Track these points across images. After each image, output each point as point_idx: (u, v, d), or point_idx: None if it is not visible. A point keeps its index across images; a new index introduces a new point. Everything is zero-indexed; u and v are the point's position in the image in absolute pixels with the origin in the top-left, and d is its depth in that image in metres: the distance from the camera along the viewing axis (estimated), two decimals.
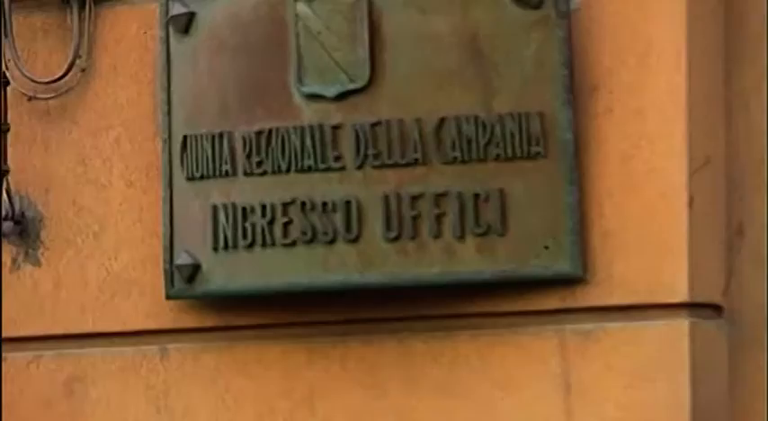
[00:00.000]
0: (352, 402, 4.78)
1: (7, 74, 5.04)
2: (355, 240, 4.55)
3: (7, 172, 4.96)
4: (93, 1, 5.15)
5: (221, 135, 4.72)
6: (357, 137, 4.64)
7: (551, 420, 4.55)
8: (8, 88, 4.94)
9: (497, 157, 4.53)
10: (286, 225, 4.64)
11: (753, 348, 4.64)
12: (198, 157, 4.74)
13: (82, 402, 5.03)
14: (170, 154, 4.75)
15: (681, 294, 4.43)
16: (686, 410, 4.51)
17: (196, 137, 4.79)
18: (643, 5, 4.72)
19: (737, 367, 4.59)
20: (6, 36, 5.02)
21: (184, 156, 4.71)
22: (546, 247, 4.48)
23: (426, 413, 4.77)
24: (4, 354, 5.31)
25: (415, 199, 4.59)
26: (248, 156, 4.67)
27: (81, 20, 5.10)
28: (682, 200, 4.52)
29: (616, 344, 4.54)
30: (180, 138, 4.79)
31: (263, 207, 4.58)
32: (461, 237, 4.50)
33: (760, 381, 4.61)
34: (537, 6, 4.54)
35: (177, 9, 4.84)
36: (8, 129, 4.78)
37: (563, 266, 4.43)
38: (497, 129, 4.46)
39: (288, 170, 4.61)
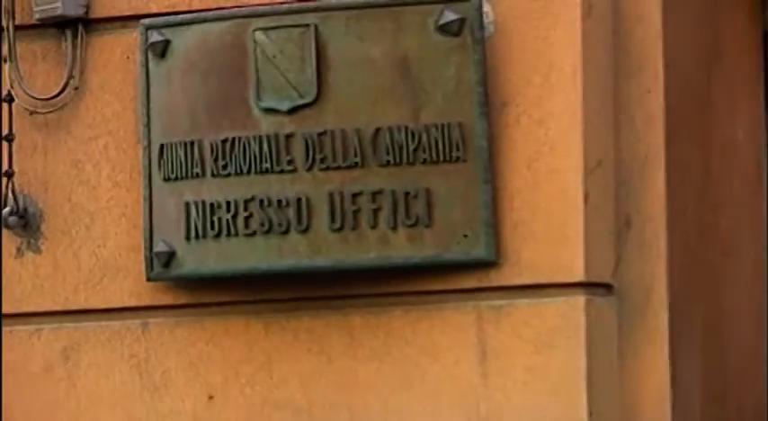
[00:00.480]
0: (303, 367, 5.00)
1: (12, 92, 5.33)
2: (305, 231, 4.79)
3: (13, 174, 5.20)
4: (84, 30, 5.37)
5: (192, 143, 4.97)
6: (306, 144, 4.86)
7: (470, 381, 4.79)
8: (13, 104, 5.21)
9: (424, 161, 4.77)
10: (247, 218, 4.91)
11: (638, 320, 4.91)
12: (173, 162, 4.99)
13: (76, 367, 5.23)
14: (149, 159, 5.00)
15: (577, 275, 4.69)
16: (582, 372, 4.74)
17: (171, 144, 5.07)
18: (546, 34, 4.96)
19: (625, 336, 4.83)
20: (12, 60, 5.30)
21: (161, 160, 4.97)
22: (465, 236, 4.72)
23: (364, 375, 4.97)
24: (10, 328, 5.62)
25: (355, 196, 4.84)
26: (215, 161, 4.91)
27: (74, 47, 5.36)
28: (578, 196, 4.79)
29: (524, 317, 4.76)
30: (158, 146, 5.03)
31: (228, 203, 4.83)
32: (394, 228, 4.71)
33: (643, 347, 4.89)
34: (456, 34, 4.75)
35: (155, 37, 5.11)
36: (13, 139, 5.06)
37: (479, 252, 4.66)
38: (424, 138, 4.70)
39: (248, 172, 4.87)
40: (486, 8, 4.96)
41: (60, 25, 5.43)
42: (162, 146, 5.06)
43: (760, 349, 5.43)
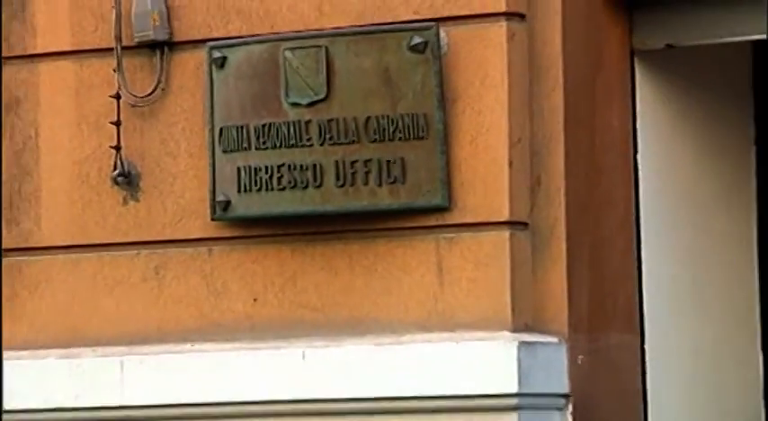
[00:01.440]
0: (318, 279, 5.42)
1: (120, 92, 5.55)
2: (319, 187, 5.24)
3: (120, 148, 5.51)
4: (168, 50, 5.43)
5: (242, 126, 5.49)
6: (320, 127, 5.33)
7: (432, 288, 5.10)
8: (120, 100, 5.60)
9: (400, 139, 5.18)
10: (279, 178, 5.37)
11: (545, 247, 5.12)
12: (229, 139, 5.43)
13: (164, 280, 5.64)
14: (213, 137, 5.40)
15: (504, 216, 5.01)
16: (507, 283, 4.92)
17: (228, 127, 5.43)
18: (483, 52, 5.00)
19: (536, 258, 5.01)
20: (120, 70, 5.38)
21: (221, 138, 5.39)
22: (428, 190, 5.12)
23: (359, 285, 5.25)
24: (120, 253, 5.75)
25: (353, 163, 5.30)
26: (257, 139, 5.41)
27: (161, 60, 5.46)
28: (505, 163, 4.93)
29: (468, 245, 5.06)
30: (218, 128, 5.47)
31: (267, 167, 5.30)
32: (380, 185, 5.13)
33: (549, 266, 5.09)
34: (422, 52, 5.07)
35: (216, 54, 5.37)
36: (120, 124, 5.33)
37: (437, 201, 5.11)
38: (400, 123, 5.10)
39: (280, 146, 5.32)
40: (443, 34, 5.22)
41: (152, 46, 5.58)
42: (221, 128, 5.52)
43: (629, 264, 5.84)
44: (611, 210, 5.55)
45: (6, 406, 5.69)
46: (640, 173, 5.66)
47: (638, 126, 5.59)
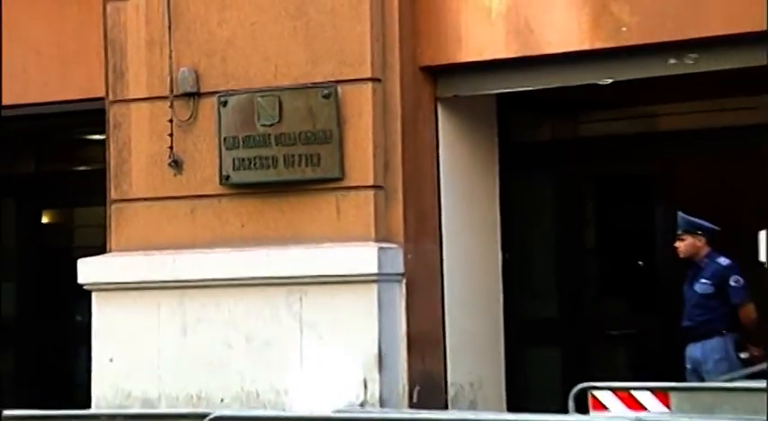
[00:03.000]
0: (275, 215, 7.62)
1: (172, 118, 7.51)
2: (276, 167, 7.53)
3: (173, 147, 7.43)
4: (197, 97, 7.69)
5: (235, 136, 7.55)
6: (275, 137, 7.46)
7: (334, 220, 7.43)
8: (173, 122, 7.62)
9: (317, 143, 7.37)
10: (254, 163, 7.50)
11: (392, 201, 7.49)
12: (228, 142, 7.51)
13: (198, 217, 7.93)
14: (220, 142, 7.41)
15: (370, 182, 7.32)
16: (372, 218, 7.20)
17: (228, 137, 7.46)
18: (360, 98, 7.30)
19: (387, 206, 7.42)
20: (172, 107, 7.51)
21: (224, 142, 7.44)
22: (331, 169, 7.37)
23: (296, 220, 7.45)
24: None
25: (292, 155, 7.43)
26: (243, 143, 7.51)
27: (193, 102, 7.70)
28: (370, 155, 7.22)
29: (354, 198, 7.33)
30: (223, 137, 7.39)
31: (248, 158, 7.49)
32: (307, 166, 7.40)
33: (394, 211, 7.44)
34: (328, 98, 7.33)
35: (221, 99, 7.40)
36: (173, 135, 7.51)
37: (337, 175, 7.29)
38: (317, 135, 7.37)
39: (254, 147, 7.52)
40: (339, 89, 7.39)
41: (188, 95, 7.78)
42: (224, 137, 7.59)
43: (435, 208, 7.87)
44: (426, 181, 7.88)
45: (114, 279, 7.97)
46: (441, 165, 8.02)
47: (439, 140, 7.96)
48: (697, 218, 8.01)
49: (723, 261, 7.88)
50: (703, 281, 7.86)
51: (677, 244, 7.94)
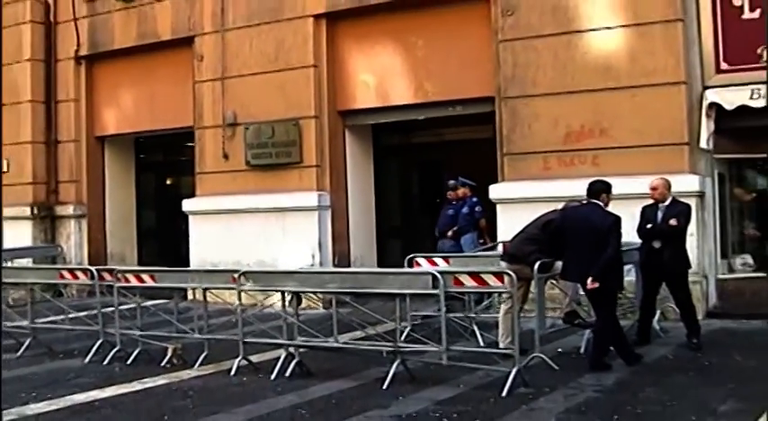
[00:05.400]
0: (266, 181, 11.08)
1: (224, 137, 11.40)
2: (264, 158, 11.50)
3: (224, 150, 11.58)
4: (234, 125, 11.25)
5: (251, 144, 11.96)
6: (246, 148, 11.37)
7: (296, 180, 10.75)
8: (224, 138, 11.87)
9: (290, 146, 10.83)
10: (251, 157, 11.73)
11: (327, 175, 11.26)
12: (252, 153, 11.98)
13: (232, 180, 11.47)
14: (245, 151, 12.52)
15: (314, 163, 10.76)
16: (314, 183, 12.20)
17: (249, 144, 11.69)
18: (311, 134, 11.70)
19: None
20: (224, 132, 11.38)
21: (249, 152, 12.17)
22: (296, 157, 10.70)
23: (279, 181, 10.86)
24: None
25: (269, 153, 11.08)
26: (251, 149, 11.91)
27: (233, 129, 11.15)
28: (313, 150, 10.75)
29: (307, 173, 10.81)
30: (247, 145, 12.20)
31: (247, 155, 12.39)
32: (280, 157, 10.95)
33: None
34: (296, 126, 10.50)
35: (246, 127, 11.15)
36: (224, 145, 12.27)
37: (298, 160, 10.62)
38: (290, 145, 10.69)
39: (251, 149, 11.89)
40: (301, 123, 10.60)
41: (230, 125, 11.10)
42: (248, 143, 10.92)
43: (344, 184, 11.08)
44: (340, 163, 11.26)
45: (199, 208, 11.68)
46: (347, 156, 11.37)
47: (346, 145, 11.40)
48: (466, 178, 10.87)
49: (475, 198, 10.66)
50: (465, 209, 10.70)
51: (458, 191, 10.81)
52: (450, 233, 10.75)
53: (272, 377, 6.82)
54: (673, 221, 7.60)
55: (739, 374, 6.50)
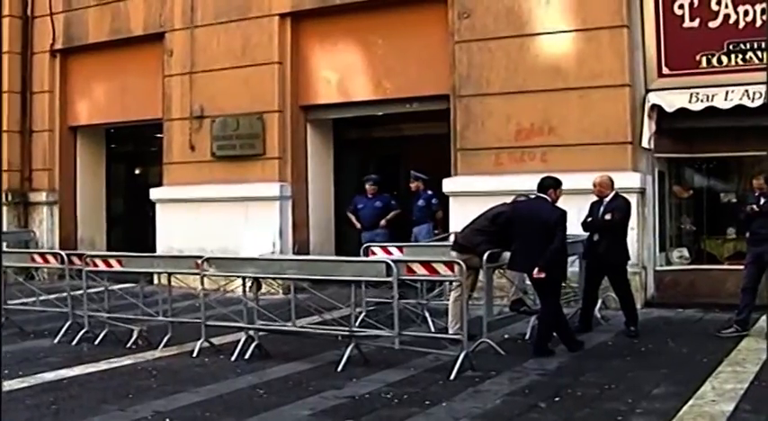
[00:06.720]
0: (236, 171, 11.08)
1: (191, 129, 11.61)
2: (233, 149, 11.61)
3: (191, 143, 12.61)
4: (201, 118, 11.36)
5: (216, 136, 11.86)
6: (212, 140, 11.70)
7: (259, 171, 10.75)
8: (191, 130, 11.95)
9: (254, 138, 10.97)
10: (221, 149, 11.71)
11: (288, 167, 11.62)
12: (218, 145, 12.07)
13: (207, 168, 11.43)
14: (211, 144, 11.74)
15: (276, 155, 10.81)
16: (277, 171, 11.98)
17: (215, 136, 11.96)
18: (276, 127, 11.45)
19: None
20: (191, 124, 11.88)
21: (215, 144, 12.16)
22: (260, 150, 10.69)
23: (246, 172, 11.22)
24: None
25: (234, 145, 11.04)
26: (216, 143, 12.26)
27: (200, 122, 11.05)
28: (276, 143, 10.62)
29: (270, 164, 10.83)
30: (213, 138, 12.46)
31: (219, 149, 12.23)
32: (244, 148, 10.84)
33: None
34: (260, 119, 10.39)
35: (214, 119, 11.77)
36: (191, 137, 12.42)
37: (261, 152, 10.70)
38: (254, 139, 10.78)
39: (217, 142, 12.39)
40: (265, 117, 10.57)
41: (198, 117, 11.03)
42: (214, 135, 10.97)
43: (304, 175, 11.86)
44: (301, 155, 11.16)
45: (165, 197, 11.98)
46: (308, 149, 11.32)
47: (307, 139, 11.34)
48: (419, 172, 10.81)
49: (429, 192, 10.64)
50: (420, 202, 10.65)
51: (411, 185, 10.75)
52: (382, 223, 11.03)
53: (233, 359, 6.86)
54: (608, 216, 7.69)
55: (673, 360, 6.60)
